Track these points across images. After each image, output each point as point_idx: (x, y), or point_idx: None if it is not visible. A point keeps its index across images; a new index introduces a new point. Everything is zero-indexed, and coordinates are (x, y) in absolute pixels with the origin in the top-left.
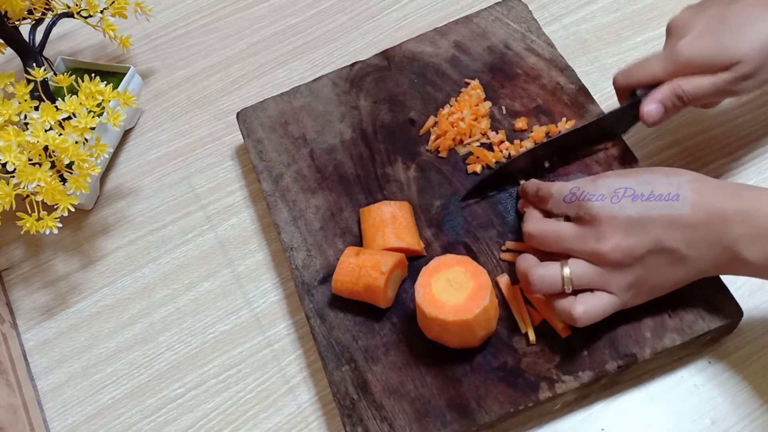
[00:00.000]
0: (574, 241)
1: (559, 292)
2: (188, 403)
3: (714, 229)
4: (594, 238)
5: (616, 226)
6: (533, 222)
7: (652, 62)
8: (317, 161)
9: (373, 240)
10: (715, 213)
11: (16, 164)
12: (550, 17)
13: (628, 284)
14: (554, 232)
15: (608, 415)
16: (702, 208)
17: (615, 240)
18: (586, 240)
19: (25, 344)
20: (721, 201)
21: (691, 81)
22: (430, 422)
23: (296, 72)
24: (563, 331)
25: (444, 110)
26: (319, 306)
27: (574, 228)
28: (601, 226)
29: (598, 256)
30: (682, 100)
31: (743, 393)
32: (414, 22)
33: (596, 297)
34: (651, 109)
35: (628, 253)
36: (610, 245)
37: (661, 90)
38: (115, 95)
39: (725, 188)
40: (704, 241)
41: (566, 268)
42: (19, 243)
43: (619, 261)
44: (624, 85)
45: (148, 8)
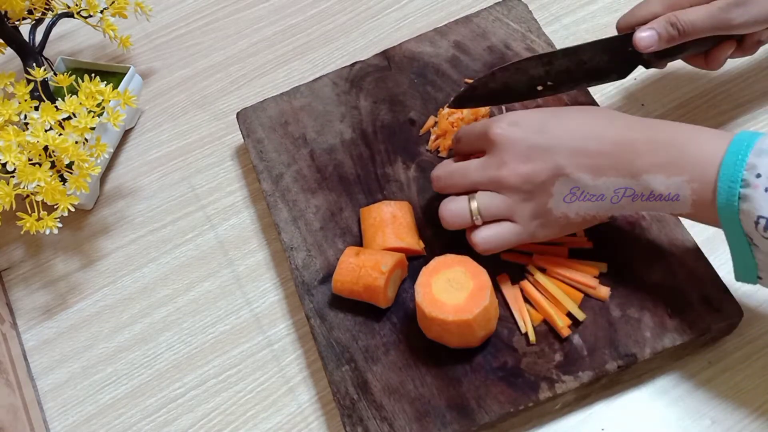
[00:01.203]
0: (477, 173)
1: (471, 225)
2: (188, 403)
3: (622, 158)
4: (495, 165)
5: (517, 152)
6: (441, 166)
7: (651, 1)
8: (317, 161)
9: (373, 240)
10: (624, 142)
11: (16, 164)
12: (550, 17)
13: (531, 213)
14: (459, 168)
15: (608, 415)
16: (610, 138)
17: (513, 165)
18: (488, 168)
19: (25, 344)
20: (631, 131)
21: (687, 11)
22: (430, 422)
23: (296, 72)
24: (563, 331)
25: (444, 110)
26: (319, 306)
27: (477, 161)
28: (502, 153)
29: (499, 182)
30: (676, 27)
31: (743, 393)
32: (414, 22)
33: (497, 225)
34: (644, 36)
35: (528, 179)
36: (509, 170)
37: (656, 20)
38: (115, 95)
39: (637, 121)
40: (611, 170)
41: (473, 201)
42: (19, 243)
43: (519, 186)
44: (625, 26)
45: (148, 8)
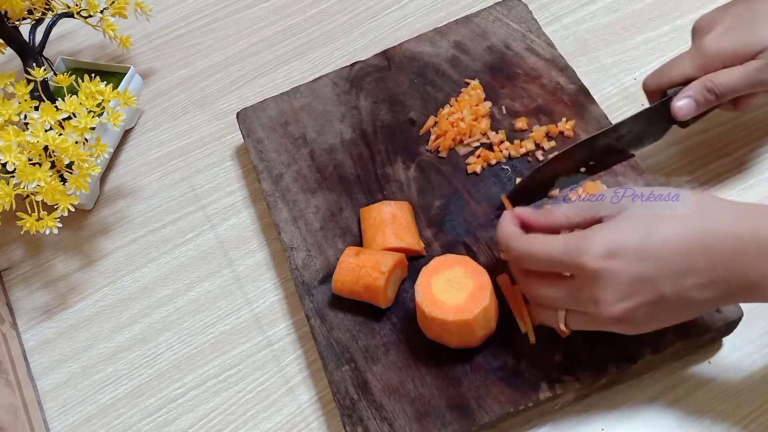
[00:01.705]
0: (571, 304)
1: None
2: (188, 403)
3: (734, 270)
4: (592, 302)
5: (617, 288)
6: (530, 287)
7: (681, 61)
8: (317, 161)
9: (373, 240)
10: (734, 251)
11: (16, 164)
12: (550, 17)
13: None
14: (550, 296)
15: (608, 415)
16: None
17: (614, 302)
18: (582, 303)
19: (25, 344)
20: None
21: (722, 74)
22: (430, 422)
23: (296, 72)
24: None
25: (444, 110)
26: (319, 306)
27: (567, 289)
28: (599, 289)
29: (598, 318)
30: (714, 92)
31: (743, 393)
32: (414, 22)
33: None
34: (682, 105)
35: (629, 312)
36: (609, 307)
37: (691, 86)
38: (115, 95)
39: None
40: (722, 283)
41: (561, 324)
42: (19, 243)
43: (621, 320)
44: (654, 87)
45: (148, 8)
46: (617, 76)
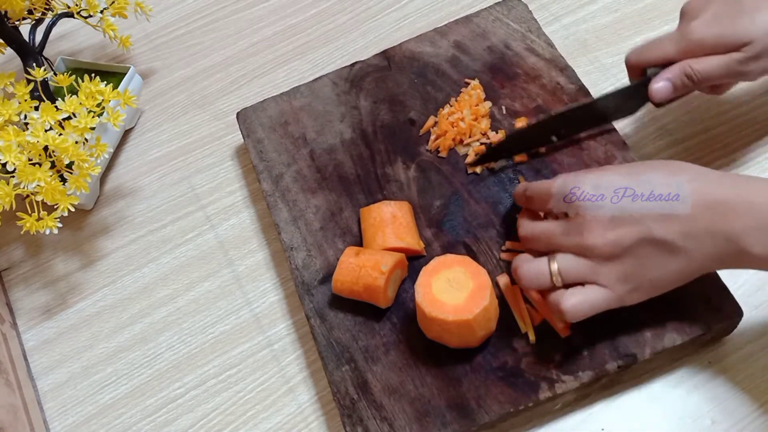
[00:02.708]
0: (561, 237)
1: (550, 286)
2: (188, 403)
3: (714, 220)
4: (578, 231)
5: (602, 219)
6: (525, 225)
7: (665, 42)
8: (317, 161)
9: (373, 240)
10: (715, 203)
11: (16, 164)
12: (550, 17)
13: (619, 276)
14: (544, 231)
15: (608, 415)
16: (701, 202)
17: (599, 231)
18: (571, 233)
19: (25, 344)
20: (721, 191)
21: (702, 61)
22: (430, 422)
23: (296, 72)
24: (563, 331)
25: (444, 110)
26: (319, 306)
27: (561, 224)
28: (587, 219)
29: (583, 248)
30: (692, 79)
31: (743, 393)
32: (414, 22)
33: (587, 290)
34: (659, 87)
35: (615, 244)
36: (594, 236)
37: (670, 69)
38: (115, 95)
39: (726, 178)
40: (704, 233)
41: (554, 263)
42: (19, 243)
43: (605, 252)
44: (635, 63)
45: (148, 8)
46: (617, 76)
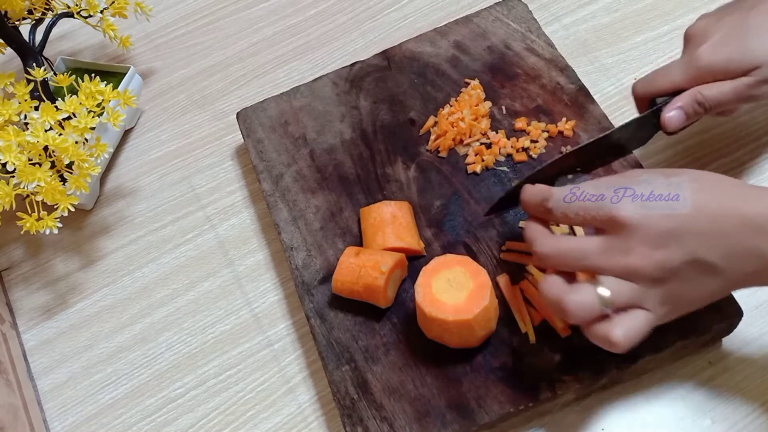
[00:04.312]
0: (600, 257)
1: (597, 316)
2: (188, 403)
3: (754, 238)
4: (622, 251)
5: (648, 237)
6: (544, 240)
7: (672, 70)
8: (317, 161)
9: (373, 240)
10: (749, 220)
11: (16, 164)
12: (550, 17)
13: (662, 299)
14: (574, 249)
15: (608, 415)
16: (741, 217)
17: (645, 252)
18: (613, 254)
19: (25, 344)
20: (752, 206)
21: (712, 87)
22: (430, 422)
23: (296, 72)
24: (563, 331)
25: (444, 110)
26: (319, 306)
27: (596, 242)
28: (630, 237)
29: (628, 270)
30: (703, 106)
31: (743, 393)
32: (414, 22)
33: (633, 317)
34: (672, 116)
35: (661, 266)
36: (641, 257)
37: (681, 97)
38: (115, 95)
39: (734, 188)
40: (744, 253)
41: (601, 289)
42: (19, 243)
43: (652, 274)
44: (643, 93)
45: (148, 8)
46: (617, 76)
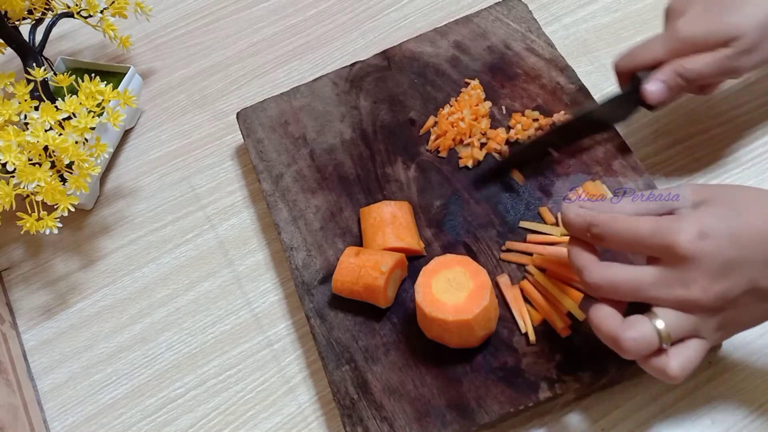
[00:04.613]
0: (658, 290)
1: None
2: (188, 403)
3: None
4: (681, 283)
5: (709, 269)
6: (593, 269)
7: (653, 44)
8: (317, 161)
9: (373, 240)
10: None
11: (16, 164)
12: (550, 17)
13: (718, 326)
14: (628, 281)
15: (608, 415)
16: None
17: (706, 284)
18: (672, 287)
19: (25, 344)
20: None
21: (693, 59)
22: (430, 422)
23: (296, 72)
24: (563, 331)
25: (444, 110)
26: (319, 306)
27: (652, 273)
28: (690, 269)
29: (686, 302)
30: (684, 77)
31: (743, 393)
32: (414, 22)
33: (689, 347)
34: (653, 89)
35: (721, 297)
36: (701, 290)
37: (662, 70)
38: (115, 95)
39: None
40: None
41: (659, 322)
42: (19, 243)
43: (711, 306)
44: (625, 68)
45: (148, 8)
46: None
